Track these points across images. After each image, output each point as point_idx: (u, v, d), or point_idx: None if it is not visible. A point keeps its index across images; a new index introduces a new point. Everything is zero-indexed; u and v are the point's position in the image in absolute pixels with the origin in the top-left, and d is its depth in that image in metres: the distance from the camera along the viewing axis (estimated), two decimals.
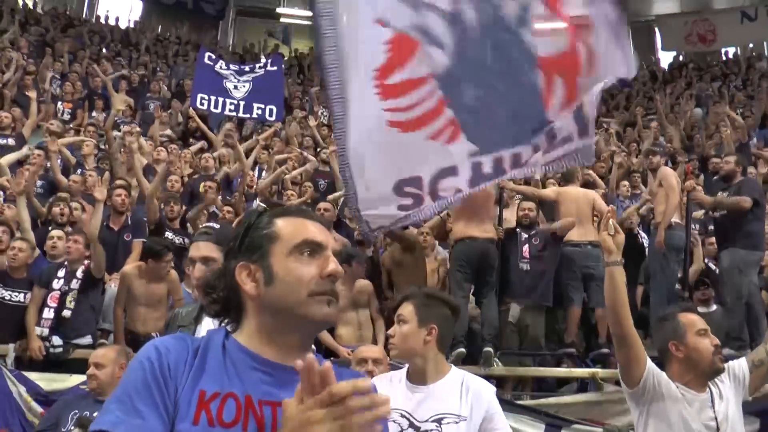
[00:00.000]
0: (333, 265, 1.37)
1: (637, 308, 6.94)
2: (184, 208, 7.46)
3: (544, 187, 8.01)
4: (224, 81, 9.78)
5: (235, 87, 9.78)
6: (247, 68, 10.40)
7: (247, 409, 1.27)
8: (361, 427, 1.05)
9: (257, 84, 9.83)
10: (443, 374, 2.67)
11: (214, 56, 10.58)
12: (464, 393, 2.60)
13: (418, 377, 2.66)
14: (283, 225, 1.41)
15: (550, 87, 3.79)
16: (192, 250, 2.76)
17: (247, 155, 9.33)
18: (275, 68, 10.25)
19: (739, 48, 21.12)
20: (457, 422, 2.54)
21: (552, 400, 5.49)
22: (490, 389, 2.69)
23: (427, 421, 2.55)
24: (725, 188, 6.79)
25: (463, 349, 5.74)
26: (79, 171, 8.43)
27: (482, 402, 2.60)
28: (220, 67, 10.01)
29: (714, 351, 2.78)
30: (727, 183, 6.80)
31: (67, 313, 5.58)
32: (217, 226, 4.66)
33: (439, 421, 2.54)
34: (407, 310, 2.70)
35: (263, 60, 11.15)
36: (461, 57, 3.86)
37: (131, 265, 6.03)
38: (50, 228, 6.44)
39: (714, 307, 6.35)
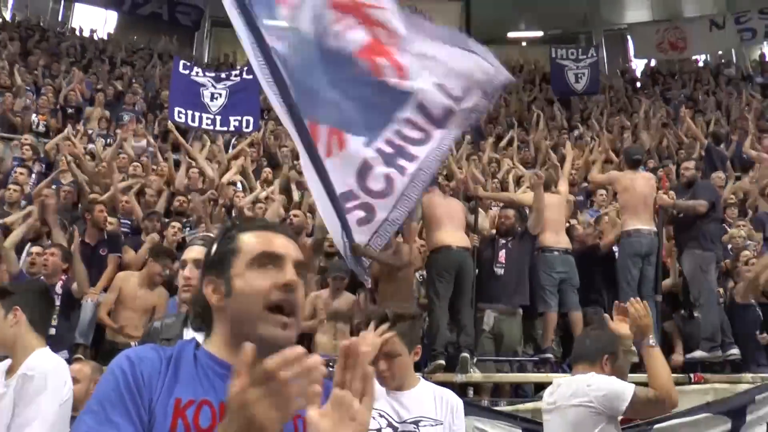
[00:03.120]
0: (289, 275, 1.38)
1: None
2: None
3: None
4: (201, 89, 9.53)
5: (213, 97, 9.57)
6: (223, 75, 10.18)
7: (222, 416, 1.29)
8: (297, 396, 1.08)
9: (234, 93, 9.60)
10: (416, 382, 2.75)
11: (189, 64, 10.32)
12: (438, 401, 2.70)
13: (398, 384, 2.71)
14: (245, 238, 1.44)
15: (379, 70, 4.38)
16: (186, 252, 2.89)
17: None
18: (251, 76, 9.58)
19: (708, 55, 21.52)
20: (434, 425, 2.64)
21: (529, 405, 5.54)
22: (459, 399, 2.78)
23: (405, 422, 2.63)
24: (684, 192, 6.96)
25: (442, 361, 5.78)
26: (53, 185, 8.37)
27: (455, 410, 2.70)
28: (196, 74, 9.79)
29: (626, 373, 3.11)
30: (687, 188, 6.94)
31: (51, 331, 5.56)
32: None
33: (416, 423, 2.63)
34: (396, 343, 2.62)
35: (239, 68, 10.77)
36: (297, 84, 4.31)
37: (126, 272, 6.22)
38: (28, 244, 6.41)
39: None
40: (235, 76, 10.01)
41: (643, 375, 3.22)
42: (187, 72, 9.84)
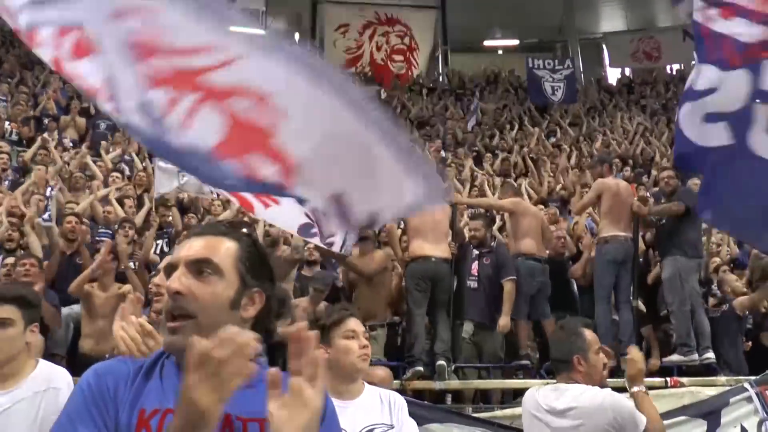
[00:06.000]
0: (170, 281, 1.37)
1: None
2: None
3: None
4: None
5: None
6: None
7: None
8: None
9: None
10: (362, 389, 2.72)
11: None
12: (386, 403, 2.70)
13: (346, 393, 2.66)
14: None
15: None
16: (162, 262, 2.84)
17: None
18: None
19: (682, 65, 21.85)
20: (388, 430, 2.63)
21: (507, 411, 5.54)
22: (402, 398, 2.79)
23: None
24: (665, 201, 6.99)
25: (420, 368, 5.78)
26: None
27: (401, 409, 2.71)
28: None
29: (604, 367, 3.10)
30: (667, 196, 6.98)
31: None
32: None
33: (371, 431, 2.60)
34: (363, 328, 2.74)
35: None
36: None
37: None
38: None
39: None
40: None
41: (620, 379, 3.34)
42: None
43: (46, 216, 7.45)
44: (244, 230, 1.50)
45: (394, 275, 6.85)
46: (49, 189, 8.62)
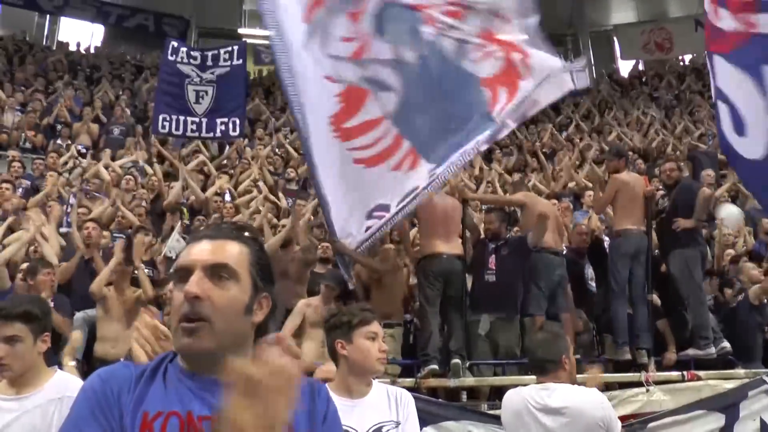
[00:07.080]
0: (189, 285, 1.34)
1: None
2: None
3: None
4: (186, 84, 9.04)
5: (198, 97, 9.11)
6: (210, 58, 9.36)
7: (189, 426, 1.30)
8: (282, 403, 1.07)
9: (222, 84, 9.10)
10: (370, 387, 2.75)
11: (176, 46, 9.56)
12: (393, 400, 2.72)
13: (357, 391, 2.69)
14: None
15: (495, 98, 4.60)
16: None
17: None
18: (240, 61, 9.34)
19: (695, 55, 21.65)
20: (395, 427, 2.64)
21: None
22: (409, 394, 2.81)
23: (368, 431, 2.62)
24: (666, 195, 6.93)
25: (435, 366, 5.75)
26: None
27: (408, 405, 2.73)
28: (182, 60, 9.24)
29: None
30: (669, 189, 6.92)
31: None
32: None
33: (379, 429, 2.62)
34: (382, 331, 2.79)
35: (229, 48, 9.59)
36: (408, 92, 4.68)
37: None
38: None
39: None
40: (225, 61, 9.36)
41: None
42: (173, 58, 9.35)
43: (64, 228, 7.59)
44: (250, 234, 1.47)
45: (405, 273, 6.84)
46: (71, 196, 8.69)
